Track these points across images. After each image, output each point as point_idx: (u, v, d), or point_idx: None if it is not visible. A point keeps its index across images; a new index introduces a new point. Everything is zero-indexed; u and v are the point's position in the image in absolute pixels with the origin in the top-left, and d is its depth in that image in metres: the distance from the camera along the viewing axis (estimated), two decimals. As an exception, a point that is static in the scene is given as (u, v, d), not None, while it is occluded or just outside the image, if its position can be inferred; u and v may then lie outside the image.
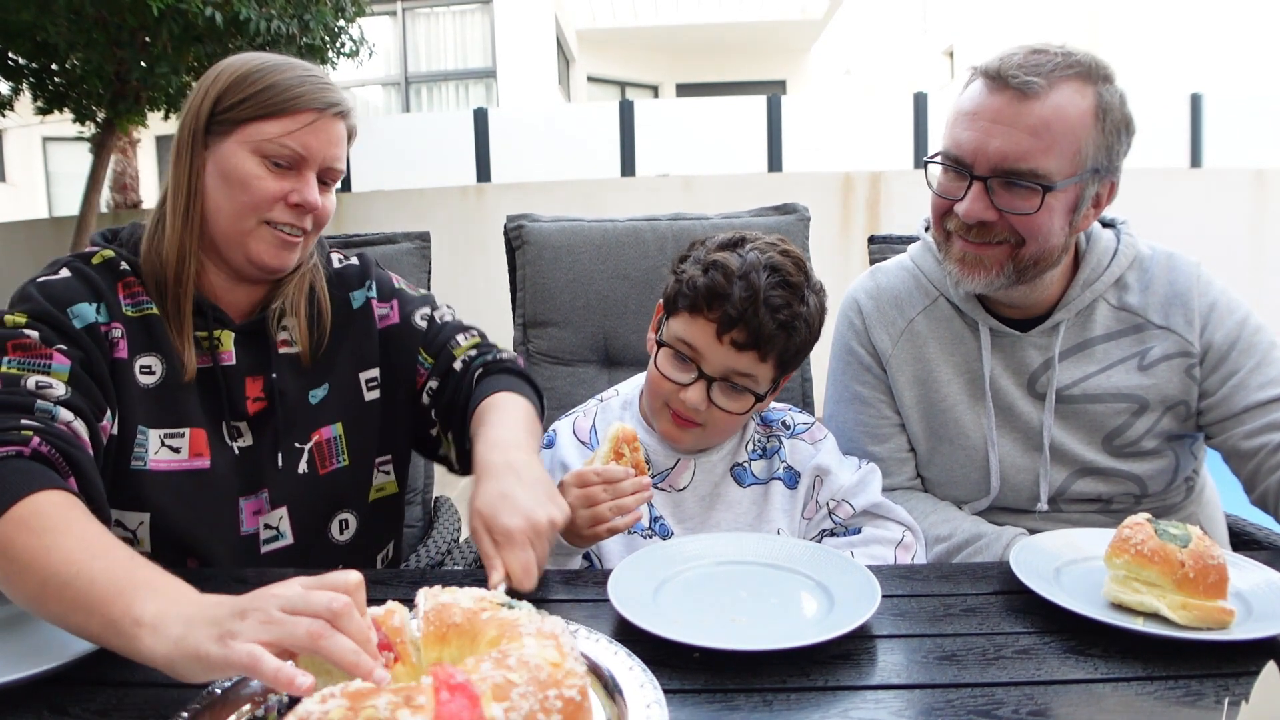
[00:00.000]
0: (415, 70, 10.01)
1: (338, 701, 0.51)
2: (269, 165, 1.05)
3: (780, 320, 1.11)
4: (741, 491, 1.22)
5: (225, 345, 1.10)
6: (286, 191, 1.06)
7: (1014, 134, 1.08)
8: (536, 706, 0.53)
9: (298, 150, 1.05)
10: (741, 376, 1.14)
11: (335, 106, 1.08)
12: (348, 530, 1.19)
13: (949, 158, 1.15)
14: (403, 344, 1.24)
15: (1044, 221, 1.12)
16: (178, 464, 1.05)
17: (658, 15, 11.60)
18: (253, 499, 1.11)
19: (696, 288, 1.13)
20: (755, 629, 0.83)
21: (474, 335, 1.27)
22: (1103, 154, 1.12)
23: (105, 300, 1.04)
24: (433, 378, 1.22)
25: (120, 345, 1.03)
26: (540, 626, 0.62)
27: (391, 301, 1.26)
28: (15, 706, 0.71)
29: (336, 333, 1.19)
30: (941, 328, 1.31)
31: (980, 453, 1.27)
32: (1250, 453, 1.15)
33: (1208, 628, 0.78)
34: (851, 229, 5.64)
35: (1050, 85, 1.08)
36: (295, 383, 1.15)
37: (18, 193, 13.02)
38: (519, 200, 5.61)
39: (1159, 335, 1.21)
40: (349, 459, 1.18)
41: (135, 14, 4.45)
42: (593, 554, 1.19)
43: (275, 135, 1.04)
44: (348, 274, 1.25)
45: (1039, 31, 10.82)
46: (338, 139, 1.09)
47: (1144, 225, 1.27)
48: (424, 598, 0.67)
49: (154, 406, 1.05)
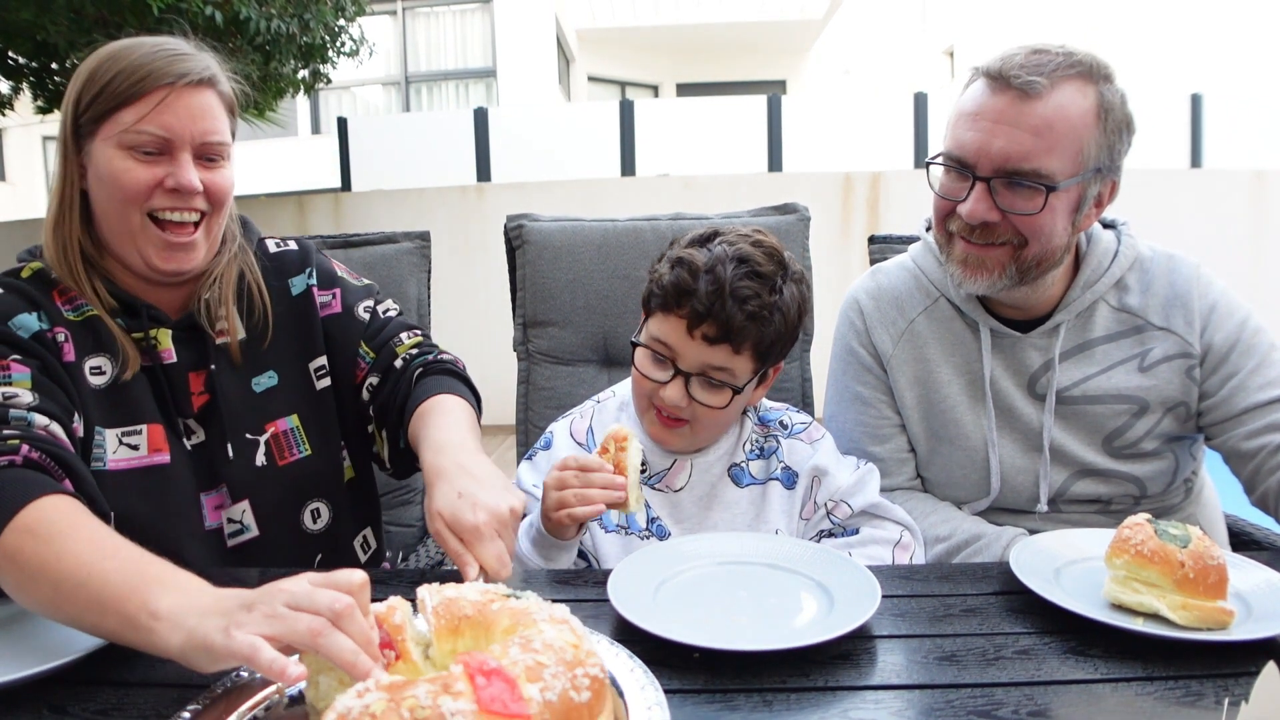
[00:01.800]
0: (415, 70, 10.01)
1: (376, 695, 0.51)
2: (137, 155, 1.01)
3: (749, 311, 1.09)
4: (739, 492, 1.22)
5: (164, 344, 1.09)
6: (160, 178, 1.02)
7: (1017, 134, 1.08)
8: (568, 685, 0.55)
9: (157, 132, 1.01)
10: (718, 371, 1.13)
11: (186, 76, 1.02)
12: (320, 519, 1.18)
13: (951, 158, 1.15)
14: (345, 335, 1.22)
15: (1047, 222, 1.11)
16: (138, 460, 1.05)
17: (658, 15, 11.59)
18: (213, 494, 1.10)
19: (664, 286, 1.13)
20: (755, 629, 0.83)
21: (416, 334, 1.26)
22: (1104, 153, 1.12)
23: (43, 308, 1.02)
24: (373, 373, 1.21)
25: (66, 349, 1.02)
26: (551, 613, 0.63)
27: (334, 290, 1.23)
28: (15, 706, 0.71)
29: (277, 321, 1.17)
30: (942, 328, 1.31)
31: (980, 453, 1.27)
32: (1250, 453, 1.15)
33: (1207, 628, 0.79)
34: (851, 229, 5.64)
35: (1052, 85, 1.08)
36: (235, 374, 1.13)
37: (18, 192, 13.03)
38: (519, 200, 5.61)
39: (1159, 336, 1.21)
40: (311, 449, 1.17)
41: (135, 14, 4.45)
42: (589, 554, 1.19)
43: (131, 123, 1.00)
44: (286, 259, 1.22)
45: (1039, 31, 10.82)
46: (202, 110, 1.04)
47: (1144, 225, 1.26)
48: (429, 593, 0.68)
49: (107, 406, 1.04)
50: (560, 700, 0.54)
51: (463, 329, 4.97)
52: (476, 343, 3.28)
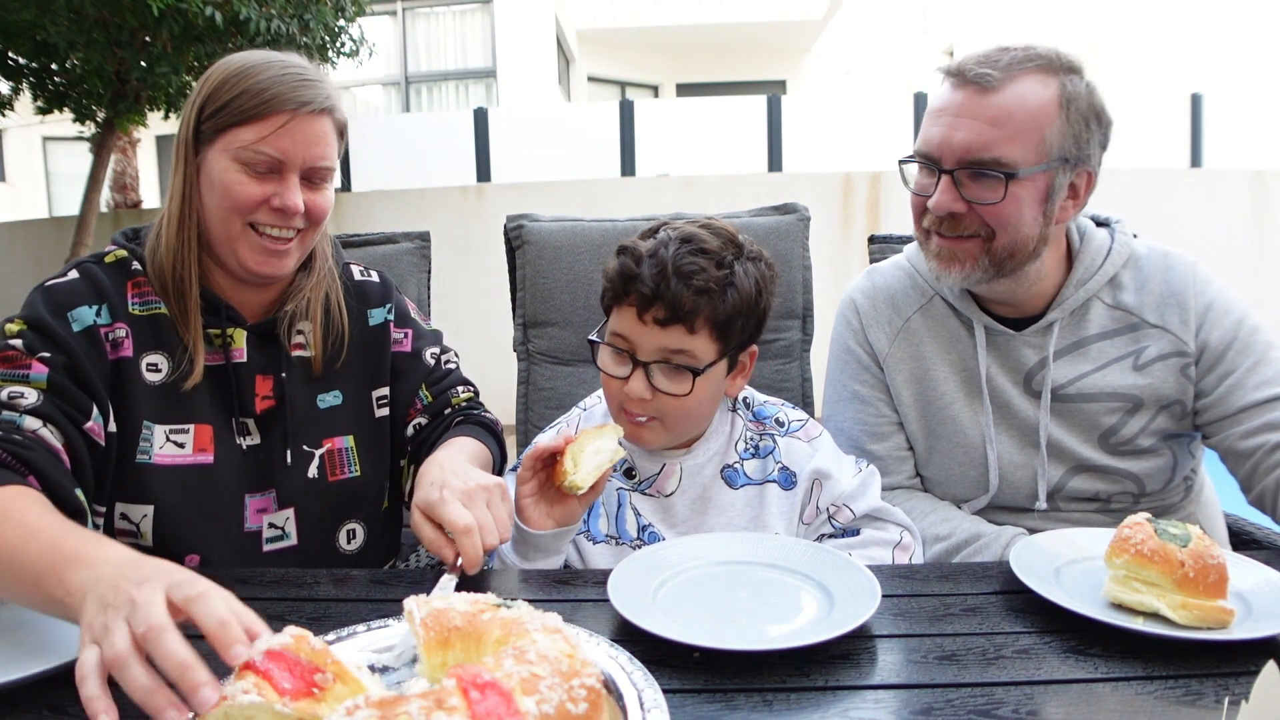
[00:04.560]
0: (415, 70, 10.01)
1: (367, 713, 0.50)
2: (249, 171, 1.06)
3: (697, 287, 1.07)
4: (734, 494, 1.20)
5: (237, 343, 1.13)
6: (268, 196, 1.06)
7: (975, 125, 1.12)
8: (564, 696, 0.54)
9: (273, 155, 1.05)
10: (677, 354, 1.10)
11: (309, 105, 1.06)
12: (355, 540, 1.21)
13: (919, 155, 1.19)
14: (409, 374, 1.27)
15: (1011, 211, 1.13)
16: (182, 459, 1.08)
17: (658, 15, 11.59)
18: (259, 497, 1.13)
19: (612, 278, 1.13)
20: (755, 629, 0.83)
21: (470, 390, 1.33)
22: (1070, 142, 1.13)
23: (108, 301, 1.07)
24: (423, 415, 1.26)
25: (125, 344, 1.07)
26: (544, 622, 0.62)
27: (407, 330, 1.29)
28: (15, 706, 0.71)
29: (352, 345, 1.22)
30: (937, 326, 1.31)
31: (978, 450, 1.27)
32: (1247, 452, 1.15)
33: (1208, 627, 0.78)
34: (851, 229, 5.64)
35: (1009, 77, 1.12)
36: (305, 386, 1.17)
37: (18, 193, 13.02)
38: (519, 200, 5.61)
39: (1154, 334, 1.21)
40: (360, 470, 1.20)
41: (135, 14, 4.45)
42: (579, 565, 1.18)
43: (250, 142, 1.05)
44: (368, 290, 1.28)
45: (1039, 31, 10.81)
46: (317, 137, 1.08)
47: (1144, 225, 1.27)
48: (416, 605, 0.66)
49: (160, 403, 1.08)
50: (557, 712, 0.53)
51: (463, 329, 4.96)
52: (476, 343, 3.28)
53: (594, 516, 1.19)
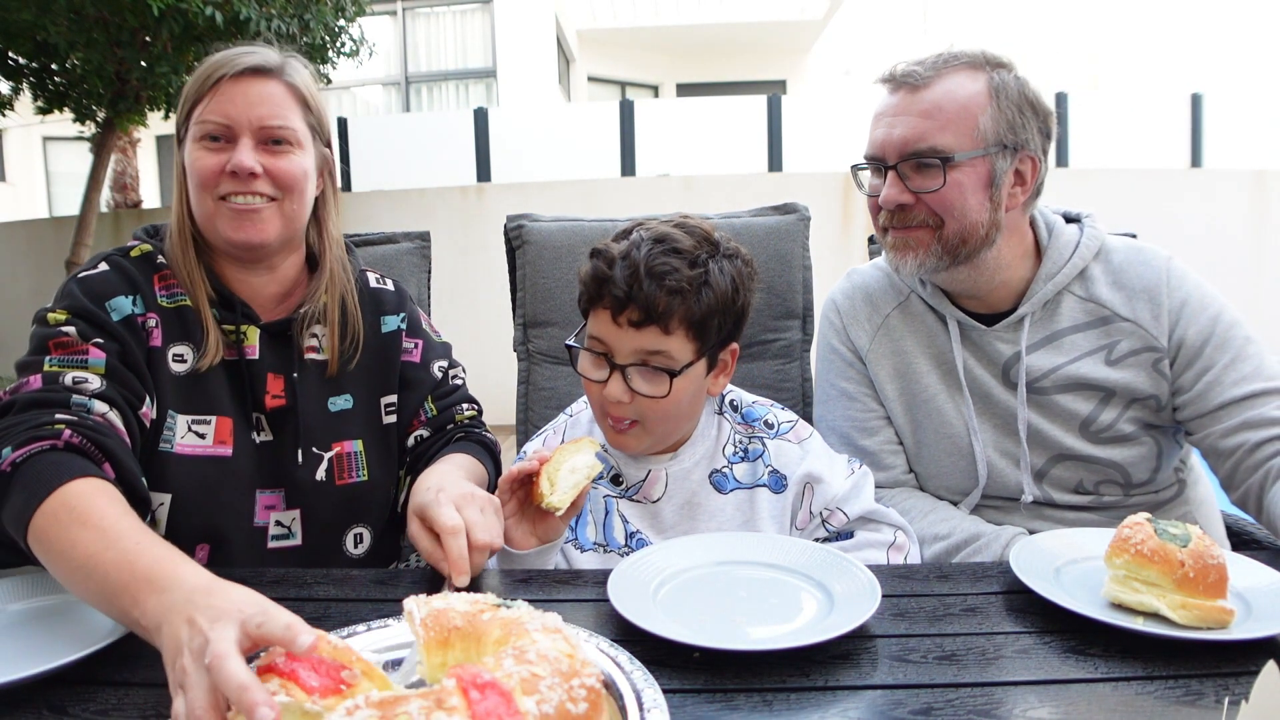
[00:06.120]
0: (415, 70, 10.01)
1: (366, 713, 0.50)
2: (206, 144, 1.09)
3: (670, 287, 1.06)
4: (723, 499, 1.18)
5: (250, 339, 1.14)
6: (224, 164, 1.08)
7: (910, 119, 1.19)
8: (564, 696, 0.54)
9: (218, 120, 1.09)
10: (653, 355, 1.08)
11: (248, 67, 1.10)
12: (362, 545, 1.22)
13: (868, 159, 1.26)
14: (416, 384, 1.28)
15: (955, 197, 1.18)
16: (202, 449, 1.10)
17: (658, 15, 11.58)
18: (269, 494, 1.14)
19: (586, 281, 1.13)
20: (755, 629, 0.83)
21: (474, 408, 1.34)
22: (1005, 129, 1.18)
23: (141, 292, 1.09)
24: (426, 428, 1.27)
25: (155, 334, 1.09)
26: (544, 622, 0.62)
27: (417, 340, 1.30)
28: (15, 706, 0.71)
29: (365, 350, 1.23)
30: (915, 322, 1.34)
31: (964, 441, 1.29)
32: (1228, 451, 1.16)
33: (1208, 627, 0.78)
34: (851, 229, 5.64)
35: (938, 75, 1.19)
36: (316, 389, 1.18)
37: (18, 193, 13.02)
38: (519, 200, 5.61)
39: (1127, 329, 1.23)
40: (369, 475, 1.21)
41: (135, 14, 4.45)
42: None
43: (200, 115, 1.09)
44: (382, 297, 1.29)
45: (1039, 31, 10.81)
46: (261, 99, 1.10)
47: (1144, 225, 1.27)
48: (416, 605, 0.66)
49: (183, 393, 1.10)
50: (557, 712, 0.53)
51: (463, 329, 4.96)
52: (476, 343, 3.28)
53: (581, 524, 1.19)
